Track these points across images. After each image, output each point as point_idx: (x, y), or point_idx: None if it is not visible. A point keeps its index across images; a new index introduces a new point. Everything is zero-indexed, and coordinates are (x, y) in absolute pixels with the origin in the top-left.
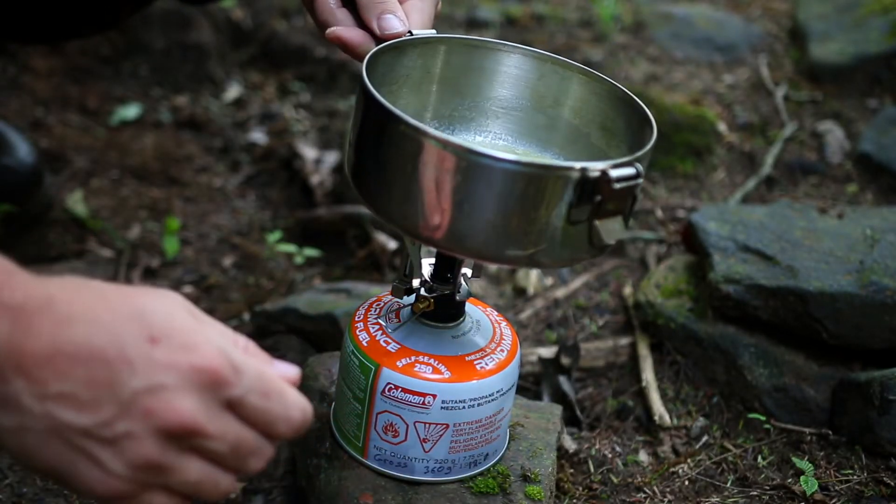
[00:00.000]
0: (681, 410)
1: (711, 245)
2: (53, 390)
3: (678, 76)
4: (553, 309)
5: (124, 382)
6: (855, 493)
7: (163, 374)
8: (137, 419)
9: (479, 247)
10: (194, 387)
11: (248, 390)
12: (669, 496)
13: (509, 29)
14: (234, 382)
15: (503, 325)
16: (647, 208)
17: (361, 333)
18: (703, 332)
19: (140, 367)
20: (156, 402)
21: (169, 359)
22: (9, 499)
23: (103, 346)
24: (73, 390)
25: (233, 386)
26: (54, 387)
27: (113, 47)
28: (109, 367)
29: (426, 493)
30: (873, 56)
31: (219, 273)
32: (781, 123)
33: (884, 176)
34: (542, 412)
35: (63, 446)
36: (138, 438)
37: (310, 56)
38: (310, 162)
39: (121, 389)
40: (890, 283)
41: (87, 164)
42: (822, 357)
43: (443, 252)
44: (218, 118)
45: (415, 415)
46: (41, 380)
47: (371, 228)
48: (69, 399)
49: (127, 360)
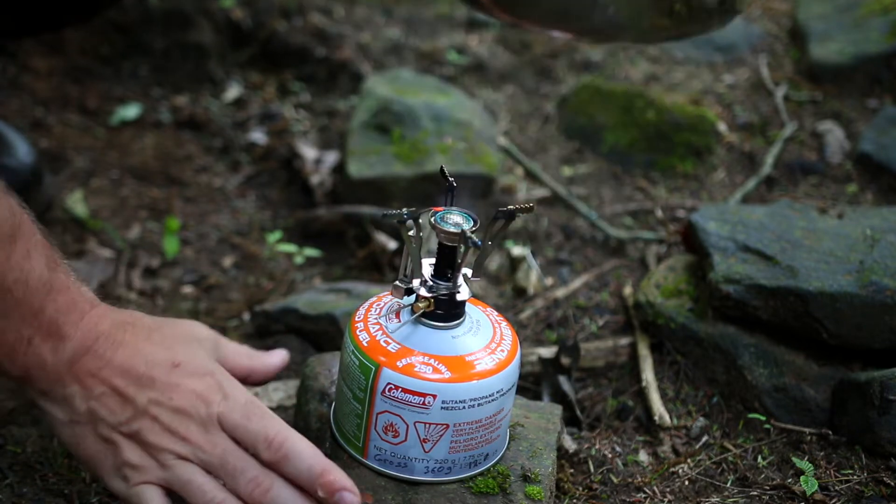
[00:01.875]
0: (681, 410)
1: (711, 245)
2: (96, 393)
3: (678, 76)
4: (553, 309)
5: (144, 394)
6: (855, 493)
7: (171, 391)
8: (147, 421)
9: None
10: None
11: (231, 409)
12: (669, 496)
13: (509, 29)
14: (218, 401)
15: (503, 326)
16: (647, 208)
17: (362, 333)
18: (703, 332)
19: (158, 385)
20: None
21: (180, 380)
22: (9, 499)
23: (137, 366)
24: (107, 394)
25: (216, 404)
26: (97, 391)
27: (113, 47)
28: (138, 382)
29: (426, 493)
30: (873, 56)
31: (219, 273)
32: (781, 123)
33: (884, 176)
34: (542, 412)
35: (96, 437)
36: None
37: (310, 56)
38: (310, 162)
39: (139, 399)
40: (890, 283)
41: (87, 164)
42: (822, 357)
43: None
44: (218, 118)
45: (415, 415)
46: (89, 386)
47: (371, 228)
48: (105, 401)
49: (150, 378)
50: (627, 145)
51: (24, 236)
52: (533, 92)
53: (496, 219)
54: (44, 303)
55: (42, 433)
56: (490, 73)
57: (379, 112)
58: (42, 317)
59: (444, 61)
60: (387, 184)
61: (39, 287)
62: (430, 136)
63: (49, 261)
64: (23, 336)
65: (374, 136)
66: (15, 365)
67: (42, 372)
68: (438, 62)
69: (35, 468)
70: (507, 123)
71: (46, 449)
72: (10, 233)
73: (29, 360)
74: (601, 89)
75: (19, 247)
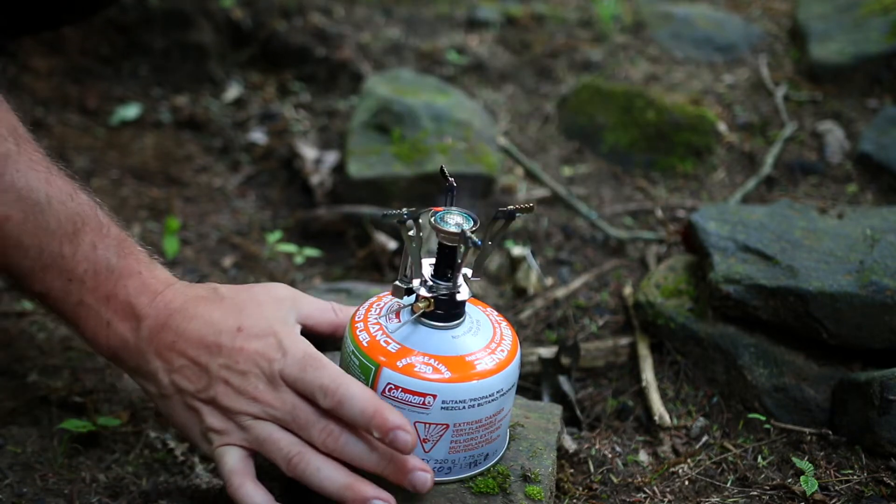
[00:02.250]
0: (681, 410)
1: (711, 245)
2: (176, 366)
3: (678, 76)
4: (553, 309)
5: (214, 361)
6: (855, 493)
7: (237, 355)
8: (221, 386)
9: None
10: (255, 365)
11: (290, 364)
12: (669, 496)
13: (509, 29)
14: (278, 359)
15: (503, 326)
16: (647, 208)
17: (362, 333)
18: (703, 332)
19: (225, 350)
20: (230, 375)
21: (243, 343)
22: (9, 499)
23: (207, 335)
24: (186, 366)
25: (277, 361)
26: (177, 363)
27: (113, 47)
28: (208, 351)
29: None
30: (873, 56)
31: (219, 273)
32: (781, 123)
33: (884, 176)
34: (542, 412)
35: (183, 406)
36: (223, 399)
37: (310, 56)
38: (310, 162)
39: (212, 366)
40: (890, 283)
41: (87, 164)
42: (822, 357)
43: None
44: (218, 118)
45: (415, 415)
46: (169, 359)
47: (371, 228)
48: (184, 372)
49: (218, 345)
50: (627, 145)
51: (90, 231)
52: (533, 92)
53: (496, 219)
54: (115, 288)
55: (42, 433)
56: (490, 73)
57: (379, 112)
58: (116, 301)
59: (444, 61)
60: (387, 184)
61: (108, 274)
62: (430, 136)
63: (119, 249)
64: (102, 319)
65: (374, 136)
66: (102, 347)
67: (126, 351)
68: (438, 62)
69: (35, 468)
70: (507, 123)
71: (46, 449)
72: (73, 230)
73: (112, 342)
74: (601, 89)
75: (85, 241)
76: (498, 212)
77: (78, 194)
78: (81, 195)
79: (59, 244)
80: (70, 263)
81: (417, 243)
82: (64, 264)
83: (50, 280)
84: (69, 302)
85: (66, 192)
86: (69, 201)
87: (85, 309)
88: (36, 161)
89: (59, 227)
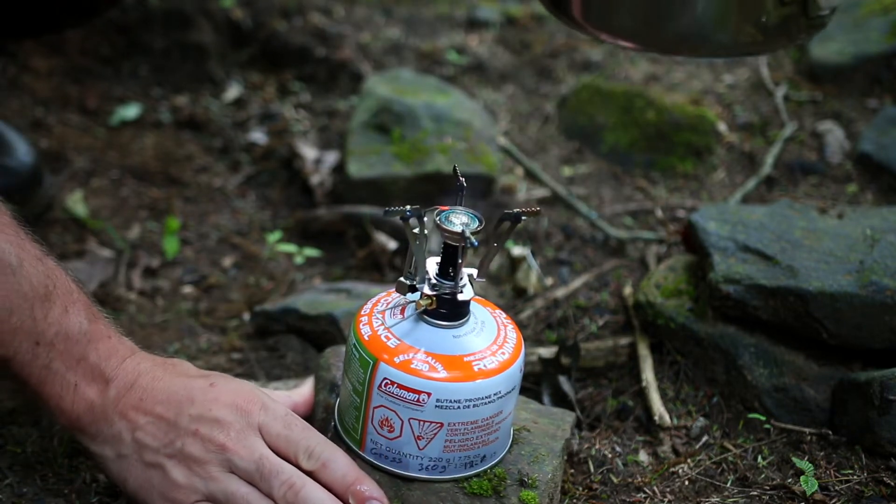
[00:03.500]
0: (681, 410)
1: (711, 245)
2: (141, 423)
3: (678, 76)
4: (553, 309)
5: (185, 412)
6: (855, 493)
7: (211, 404)
8: (189, 437)
9: None
10: (231, 413)
11: (273, 420)
12: (669, 496)
13: (509, 29)
14: (257, 412)
15: (509, 328)
16: (647, 208)
17: (364, 327)
18: (703, 332)
19: (198, 401)
20: (200, 424)
21: (218, 395)
22: (9, 499)
23: (177, 391)
24: (151, 422)
25: (256, 414)
26: (141, 421)
27: (113, 47)
28: (178, 405)
29: (418, 489)
30: (873, 56)
31: (219, 273)
32: (781, 123)
33: (884, 176)
34: (552, 418)
35: (143, 465)
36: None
37: (310, 56)
38: (310, 162)
39: (181, 419)
40: (890, 283)
41: (87, 164)
42: (822, 357)
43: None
44: (218, 118)
45: (409, 411)
46: (133, 419)
47: (371, 228)
48: (148, 429)
49: (190, 398)
50: (627, 145)
51: (61, 295)
52: (533, 92)
53: (502, 221)
54: (86, 351)
55: (42, 433)
56: (490, 73)
57: (379, 112)
58: (85, 364)
59: (444, 61)
60: (386, 184)
61: (80, 338)
62: (430, 136)
63: (89, 314)
64: (69, 383)
65: (374, 136)
66: (66, 411)
67: (91, 415)
68: (438, 62)
69: (35, 468)
70: (507, 123)
71: (46, 449)
72: (44, 294)
73: (78, 406)
74: (601, 89)
75: (56, 305)
76: (504, 214)
77: (46, 258)
78: (49, 259)
79: (31, 307)
80: (41, 326)
81: (421, 241)
82: (34, 327)
83: (17, 343)
84: (36, 365)
85: (35, 255)
86: (39, 265)
87: (51, 373)
88: (5, 224)
89: (31, 289)
